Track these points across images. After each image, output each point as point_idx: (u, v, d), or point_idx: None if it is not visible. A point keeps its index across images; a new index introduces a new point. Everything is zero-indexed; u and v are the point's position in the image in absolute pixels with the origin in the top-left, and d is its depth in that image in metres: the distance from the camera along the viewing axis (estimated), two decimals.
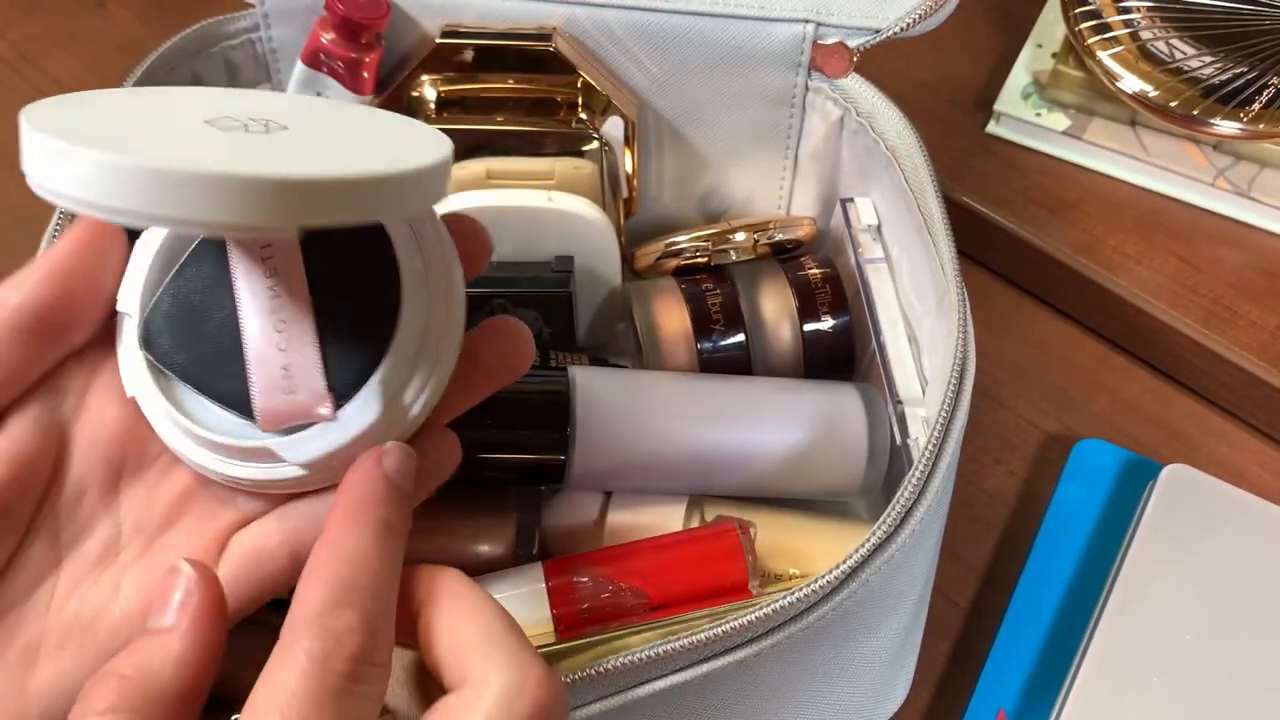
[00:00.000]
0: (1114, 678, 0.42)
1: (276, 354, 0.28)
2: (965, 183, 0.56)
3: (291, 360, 0.28)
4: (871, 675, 0.37)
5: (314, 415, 0.28)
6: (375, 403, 0.29)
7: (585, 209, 0.44)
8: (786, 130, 0.46)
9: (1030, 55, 0.59)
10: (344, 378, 0.29)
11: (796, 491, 0.43)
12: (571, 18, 0.43)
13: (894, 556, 0.32)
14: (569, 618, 0.37)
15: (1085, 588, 0.46)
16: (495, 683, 0.26)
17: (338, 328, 0.29)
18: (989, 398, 0.52)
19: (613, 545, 0.40)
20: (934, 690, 0.45)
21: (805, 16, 0.42)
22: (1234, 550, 0.44)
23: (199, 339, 0.29)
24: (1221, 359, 0.51)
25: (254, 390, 0.29)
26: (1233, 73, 0.53)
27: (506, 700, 0.25)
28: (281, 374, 0.28)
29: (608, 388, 0.42)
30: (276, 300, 0.29)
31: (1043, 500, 0.49)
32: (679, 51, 0.44)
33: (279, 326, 0.29)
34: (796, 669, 0.33)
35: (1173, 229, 0.55)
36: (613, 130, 0.45)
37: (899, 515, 0.32)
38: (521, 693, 0.25)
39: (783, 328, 0.45)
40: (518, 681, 0.26)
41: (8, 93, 0.61)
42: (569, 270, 0.44)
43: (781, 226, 0.46)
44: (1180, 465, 0.46)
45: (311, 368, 0.28)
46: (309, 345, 0.29)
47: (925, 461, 0.33)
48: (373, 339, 0.29)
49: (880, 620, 0.35)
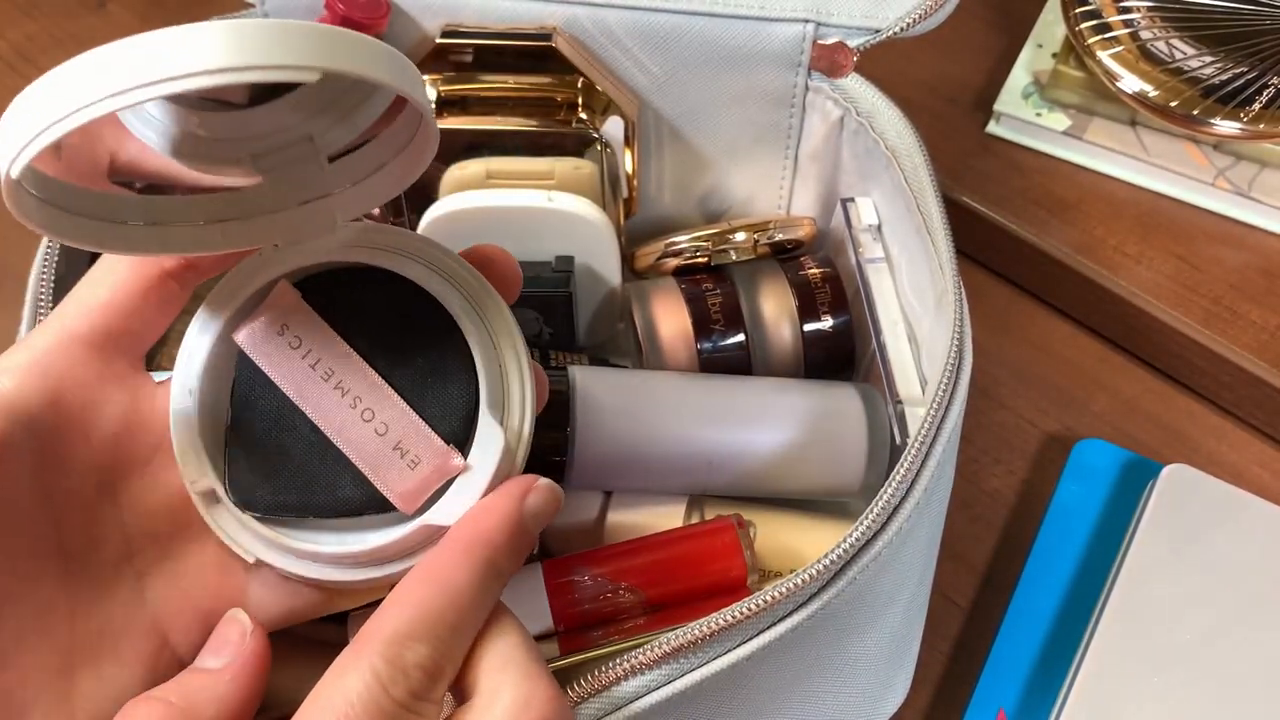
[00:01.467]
0: (1114, 678, 0.42)
1: (378, 440, 0.28)
2: (965, 183, 0.56)
3: (398, 436, 0.28)
4: (868, 675, 0.37)
5: (448, 471, 0.28)
6: (494, 434, 0.28)
7: (585, 209, 0.44)
8: (786, 130, 0.46)
9: (1030, 55, 0.59)
10: (451, 426, 0.28)
11: (796, 491, 0.43)
12: (571, 18, 0.43)
13: (881, 554, 0.32)
14: (568, 617, 0.37)
15: (1085, 588, 0.46)
16: (505, 696, 0.26)
17: (415, 387, 0.29)
18: (989, 398, 0.52)
19: (611, 544, 0.40)
20: (934, 690, 0.45)
21: (805, 16, 0.42)
22: (1234, 550, 0.44)
23: (293, 472, 0.29)
24: (1222, 359, 0.51)
25: (379, 483, 0.28)
26: (1233, 73, 0.53)
27: (513, 713, 0.26)
28: (396, 455, 0.28)
29: (607, 387, 0.42)
30: (348, 395, 0.28)
31: (1043, 500, 0.49)
32: (679, 51, 0.44)
33: (365, 416, 0.28)
34: (791, 671, 0.33)
35: (1173, 229, 0.55)
36: (613, 130, 0.45)
37: (884, 513, 0.32)
38: (529, 706, 0.26)
39: (783, 328, 0.45)
40: (525, 695, 0.26)
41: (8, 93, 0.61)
42: (569, 270, 0.44)
43: (782, 227, 0.46)
44: (1180, 465, 0.46)
45: (421, 434, 0.28)
46: (405, 415, 0.28)
47: (912, 459, 0.33)
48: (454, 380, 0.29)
49: (872, 620, 0.35)
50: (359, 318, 0.29)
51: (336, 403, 0.28)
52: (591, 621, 0.37)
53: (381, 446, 0.28)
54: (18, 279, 0.36)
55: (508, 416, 0.29)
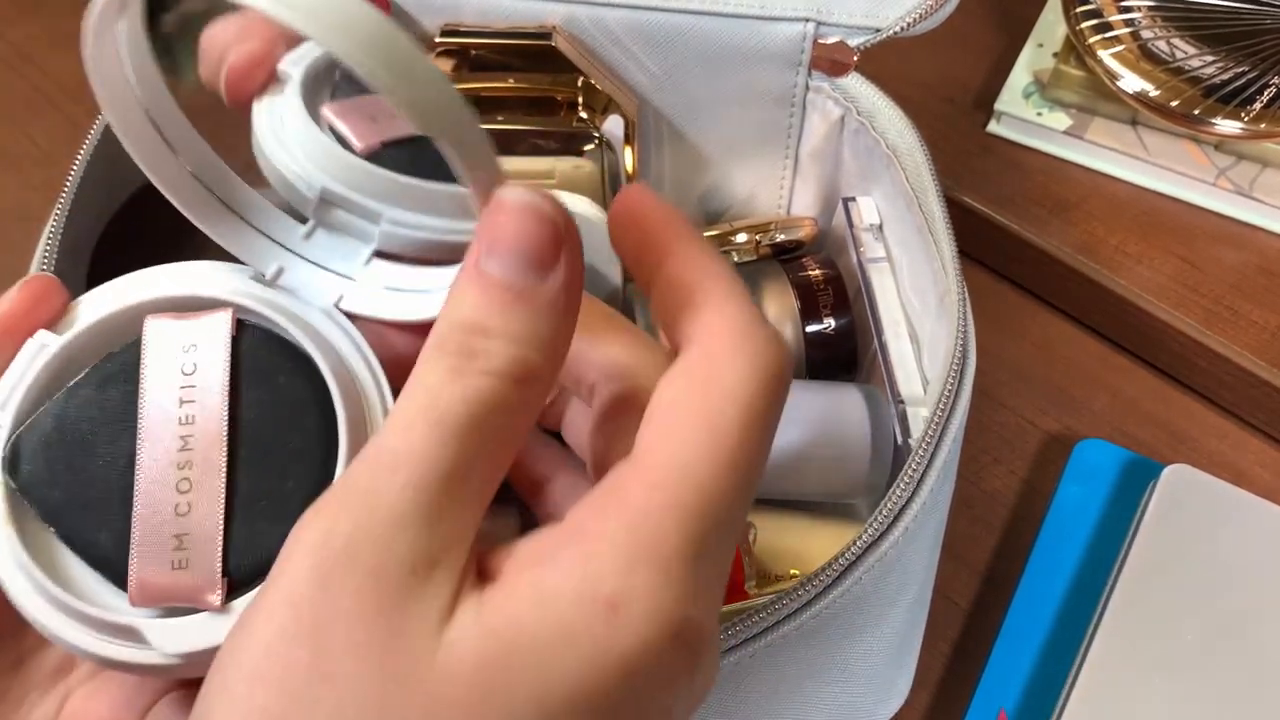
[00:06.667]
0: (1115, 678, 0.42)
1: (172, 517, 0.24)
2: (966, 182, 0.56)
3: (189, 529, 0.24)
4: (870, 675, 0.37)
5: (199, 601, 0.23)
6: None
7: (586, 209, 0.44)
8: (787, 129, 0.46)
9: (1031, 55, 0.59)
10: (247, 564, 0.24)
11: (799, 492, 0.43)
12: (571, 17, 0.43)
13: (887, 555, 0.32)
14: None
15: (1086, 588, 0.46)
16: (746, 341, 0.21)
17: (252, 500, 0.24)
18: (989, 398, 0.52)
19: None
20: (934, 690, 0.45)
21: (806, 16, 0.42)
22: (1234, 550, 0.44)
23: (79, 477, 0.24)
24: (1222, 359, 0.51)
25: (133, 554, 0.23)
26: (1234, 72, 0.53)
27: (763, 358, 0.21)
28: (173, 542, 0.24)
29: None
30: (186, 452, 0.24)
31: (1043, 500, 0.49)
32: (679, 51, 0.44)
33: (182, 486, 0.24)
34: (793, 670, 0.33)
35: (1174, 229, 0.55)
36: (613, 129, 0.45)
37: (891, 513, 0.32)
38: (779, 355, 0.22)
39: (784, 329, 0.45)
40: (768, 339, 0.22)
41: (8, 93, 0.61)
42: None
43: (783, 227, 0.46)
44: (1181, 465, 0.46)
45: (210, 545, 0.23)
46: (213, 517, 0.24)
47: (919, 459, 0.33)
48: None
49: (876, 620, 0.35)
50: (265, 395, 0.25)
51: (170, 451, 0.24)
52: None
53: (168, 525, 0.24)
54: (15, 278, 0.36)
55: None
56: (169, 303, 0.26)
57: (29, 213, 0.57)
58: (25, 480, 0.24)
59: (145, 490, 0.24)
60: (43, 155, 0.58)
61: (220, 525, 0.24)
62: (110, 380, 0.25)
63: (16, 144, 0.59)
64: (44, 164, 0.58)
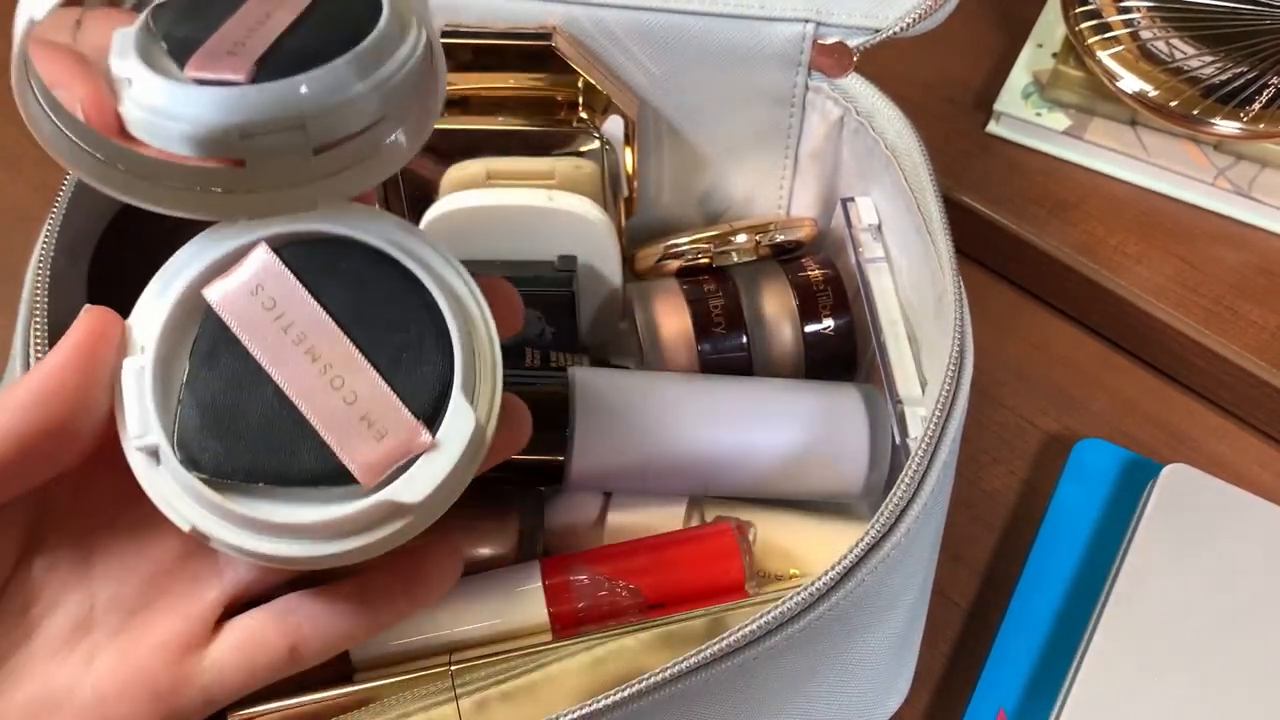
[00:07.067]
0: (1114, 678, 0.42)
1: (345, 408, 0.27)
2: (965, 182, 0.56)
3: (366, 407, 0.27)
4: (871, 675, 0.37)
5: (415, 448, 0.27)
6: (466, 413, 0.27)
7: (586, 209, 0.44)
8: (786, 130, 0.46)
9: (1030, 55, 0.59)
10: (425, 401, 0.27)
11: (798, 493, 0.43)
12: (571, 18, 0.43)
13: (889, 555, 0.32)
14: (566, 616, 0.37)
15: (1085, 588, 0.46)
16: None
17: (389, 360, 0.28)
18: (989, 398, 0.52)
19: (609, 544, 0.40)
20: (934, 690, 0.45)
21: (805, 16, 0.42)
22: (1234, 550, 0.44)
23: (249, 435, 0.27)
24: (1222, 359, 0.51)
25: (341, 453, 0.27)
26: (1233, 72, 0.53)
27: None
28: (363, 425, 0.27)
29: (607, 388, 0.42)
30: (319, 361, 0.27)
31: (1043, 500, 0.49)
32: (679, 51, 0.44)
33: (335, 383, 0.27)
34: (795, 670, 0.33)
35: (1173, 229, 0.55)
36: (613, 130, 0.45)
37: (893, 514, 0.32)
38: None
39: (784, 329, 0.45)
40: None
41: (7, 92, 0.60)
42: (572, 270, 0.44)
43: (782, 228, 0.46)
44: (1180, 465, 0.46)
45: (391, 406, 0.27)
46: (376, 386, 0.27)
47: (920, 459, 0.33)
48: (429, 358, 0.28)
49: (878, 620, 0.35)
50: (336, 287, 0.28)
51: (305, 368, 0.27)
52: (589, 619, 0.37)
53: (348, 415, 0.27)
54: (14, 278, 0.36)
55: (478, 402, 0.28)
56: (208, 271, 0.29)
57: (29, 213, 0.57)
58: (213, 467, 0.27)
59: (310, 403, 0.27)
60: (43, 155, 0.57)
61: (387, 388, 0.27)
62: (213, 355, 0.28)
63: (16, 144, 0.59)
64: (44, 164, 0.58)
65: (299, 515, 0.27)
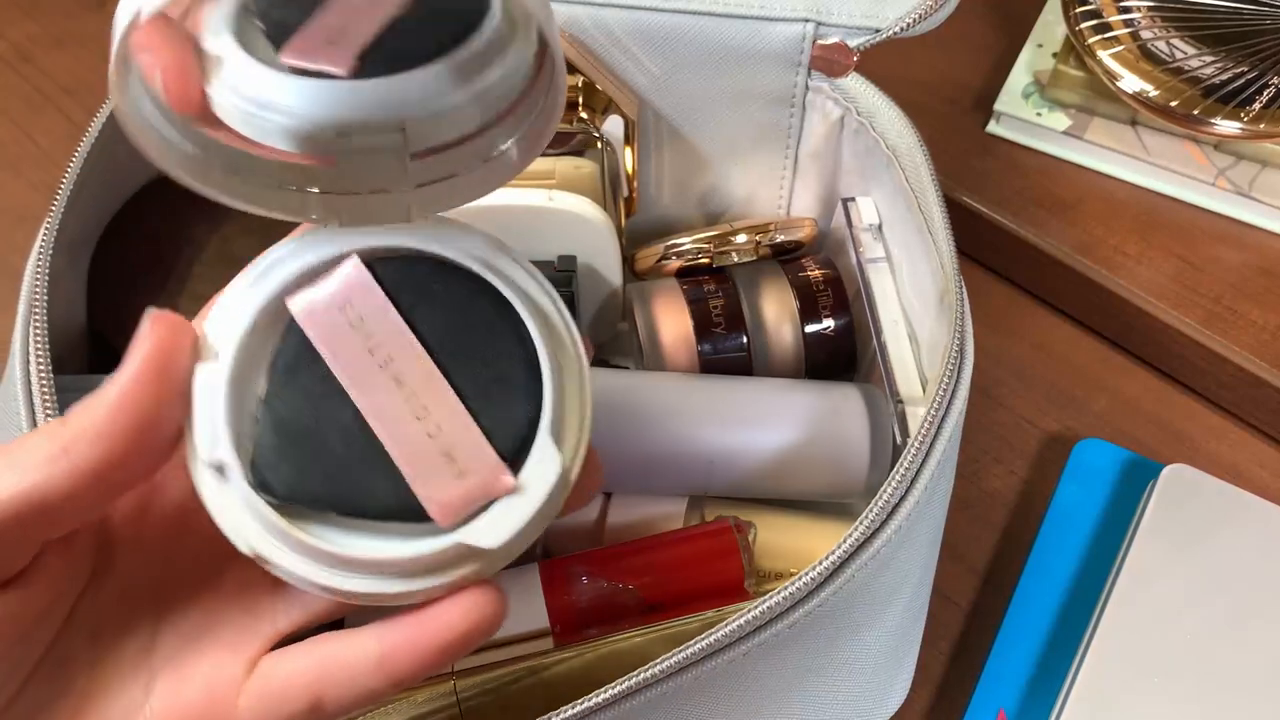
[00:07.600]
0: (1114, 678, 0.42)
1: (427, 442, 0.26)
2: (965, 182, 0.56)
3: (450, 442, 0.26)
4: (868, 674, 0.37)
5: (497, 490, 0.26)
6: (552, 457, 0.26)
7: (586, 209, 0.44)
8: (787, 130, 0.46)
9: (1030, 55, 0.59)
10: (509, 441, 0.26)
11: (799, 493, 0.43)
12: (571, 17, 0.43)
13: (880, 552, 0.32)
14: (565, 617, 0.37)
15: (1085, 588, 0.46)
16: None
17: (477, 393, 0.26)
18: (989, 398, 0.52)
19: (609, 544, 0.40)
20: (934, 690, 0.45)
21: (805, 16, 0.42)
22: (1234, 550, 0.44)
23: (324, 460, 0.26)
24: (1222, 359, 0.51)
25: (419, 489, 0.25)
26: (1233, 72, 0.53)
27: None
28: (444, 461, 0.26)
29: (608, 388, 0.42)
30: (404, 388, 0.26)
31: (1043, 500, 0.49)
32: (679, 51, 0.44)
33: (419, 414, 0.26)
34: (790, 668, 0.33)
35: (1173, 229, 0.55)
36: (613, 129, 0.45)
37: (884, 510, 0.32)
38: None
39: (784, 329, 0.45)
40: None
41: (8, 92, 0.61)
42: (572, 270, 0.44)
43: (782, 228, 0.46)
44: (1180, 465, 0.46)
45: (475, 443, 0.26)
46: (462, 420, 0.26)
47: (913, 456, 0.33)
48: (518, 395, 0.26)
49: (872, 618, 0.35)
50: (428, 311, 0.27)
51: (390, 394, 0.26)
52: (588, 620, 0.37)
53: (430, 449, 0.26)
54: (14, 278, 0.36)
55: (564, 444, 0.26)
56: (296, 280, 0.27)
57: (29, 213, 0.57)
58: (284, 491, 0.25)
59: (390, 433, 0.25)
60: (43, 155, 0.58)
61: (473, 424, 0.26)
62: (293, 371, 0.26)
63: (16, 144, 0.59)
64: (44, 164, 0.58)
65: (367, 550, 0.25)
